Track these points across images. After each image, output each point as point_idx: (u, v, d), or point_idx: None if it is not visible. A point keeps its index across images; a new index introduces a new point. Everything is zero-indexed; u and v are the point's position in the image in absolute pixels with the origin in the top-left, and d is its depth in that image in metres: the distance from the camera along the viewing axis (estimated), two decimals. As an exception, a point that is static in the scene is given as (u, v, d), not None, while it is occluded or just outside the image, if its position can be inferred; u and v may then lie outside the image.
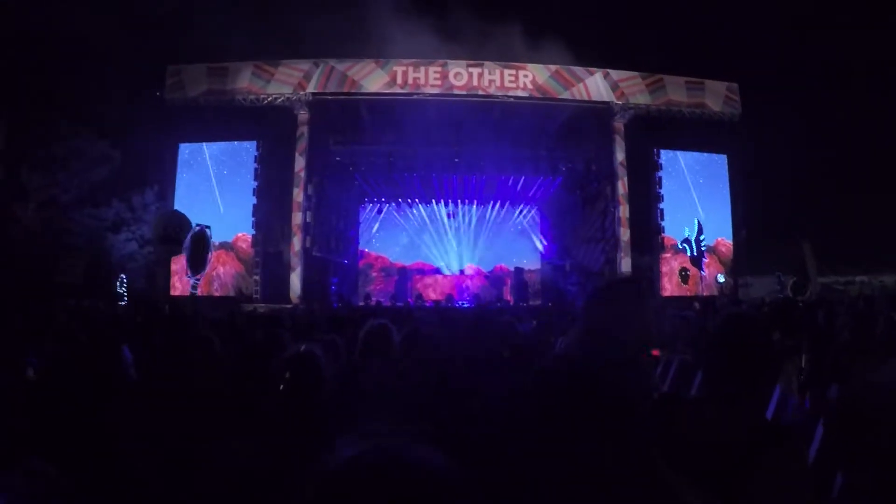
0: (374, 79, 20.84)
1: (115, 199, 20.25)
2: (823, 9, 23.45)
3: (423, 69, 21.06)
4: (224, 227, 20.18)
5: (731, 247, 22.49)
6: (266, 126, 20.69)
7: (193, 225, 16.73)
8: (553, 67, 21.67)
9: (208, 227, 18.18)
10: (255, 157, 20.72)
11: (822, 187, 22.61)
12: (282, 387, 3.53)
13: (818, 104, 22.75)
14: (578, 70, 21.83)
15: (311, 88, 20.57)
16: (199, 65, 20.62)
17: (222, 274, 20.20)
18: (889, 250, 21.95)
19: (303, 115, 20.65)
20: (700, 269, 21.74)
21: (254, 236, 20.51)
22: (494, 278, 26.66)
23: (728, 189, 22.75)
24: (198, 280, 18.81)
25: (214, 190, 20.32)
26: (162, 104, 20.16)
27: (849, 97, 23.19)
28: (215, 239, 19.68)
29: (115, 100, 18.91)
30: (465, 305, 22.96)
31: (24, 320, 8.10)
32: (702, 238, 21.74)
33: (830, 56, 23.08)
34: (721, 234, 22.43)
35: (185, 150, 20.54)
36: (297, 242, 20.41)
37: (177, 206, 19.40)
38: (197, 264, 18.28)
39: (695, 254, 21.76)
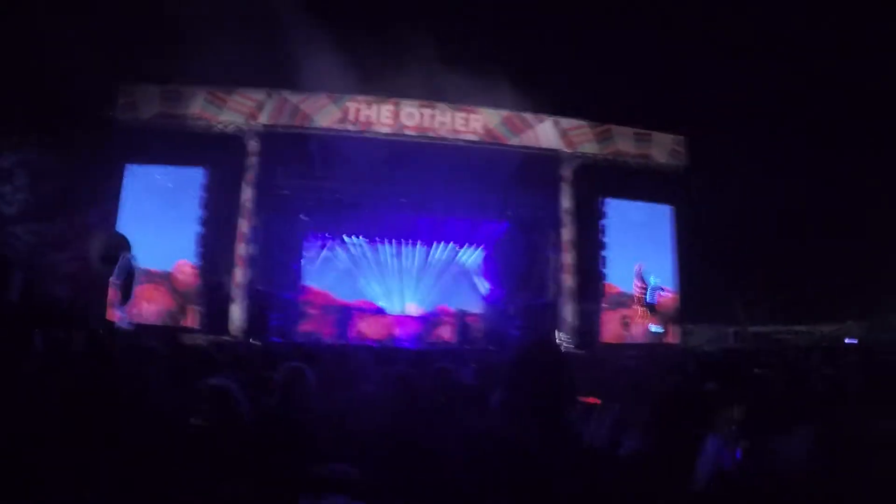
0: (326, 113, 21.26)
1: (59, 216, 20.13)
2: (770, 65, 24.61)
3: (375, 107, 21.56)
4: (166, 254, 20.14)
5: (673, 295, 23.13)
6: (215, 154, 20.68)
7: (129, 247, 16.73)
8: (504, 113, 22.37)
9: (133, 256, 18.06)
10: (203, 184, 20.65)
11: (764, 239, 23.50)
12: (197, 420, 3.57)
13: (763, 158, 23.79)
14: (529, 117, 22.57)
15: (263, 119, 20.88)
16: (152, 86, 20.69)
17: (144, 312, 19.81)
18: (829, 300, 22.84)
19: (253, 145, 20.86)
20: (651, 317, 22.42)
21: (197, 266, 20.41)
22: (435, 320, 27.00)
23: (671, 239, 23.50)
24: (125, 309, 18.72)
25: (159, 215, 20.19)
26: (112, 124, 20.12)
27: (794, 151, 24.27)
28: (155, 266, 19.74)
29: (65, 115, 18.89)
30: (407, 346, 23.22)
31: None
32: (648, 286, 22.46)
33: (776, 114, 24.17)
34: (663, 283, 23.07)
35: (132, 171, 20.40)
36: (240, 274, 20.45)
37: (120, 229, 19.36)
38: (126, 294, 18.21)
39: (649, 302, 22.45)
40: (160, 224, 20.16)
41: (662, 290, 22.88)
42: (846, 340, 18.43)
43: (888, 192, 23.13)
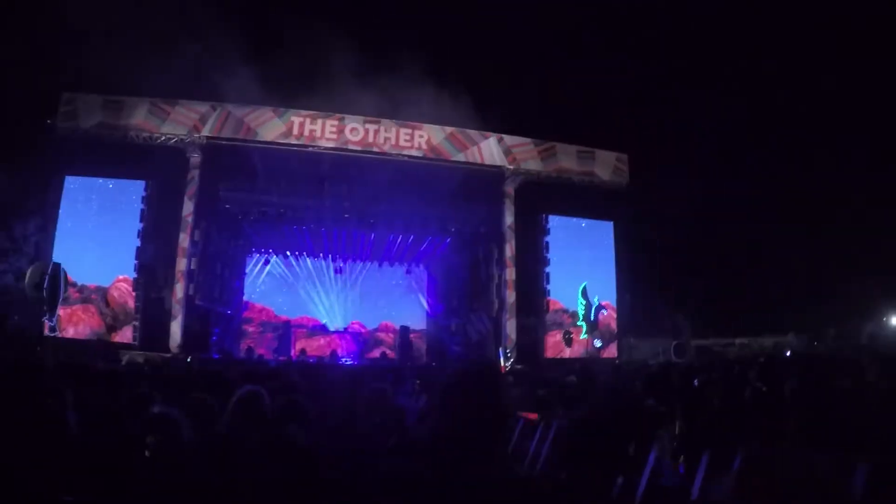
0: (270, 127, 21.35)
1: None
2: (713, 83, 25.43)
3: (319, 122, 21.70)
4: (103, 268, 19.95)
5: (615, 311, 23.61)
6: (156, 166, 20.48)
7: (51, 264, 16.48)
8: (448, 129, 22.74)
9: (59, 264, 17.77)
10: (143, 197, 20.42)
11: (705, 252, 24.16)
12: (145, 450, 3.49)
13: (704, 174, 24.51)
14: (473, 133, 23.00)
15: (206, 131, 20.82)
16: (94, 95, 20.43)
17: (79, 327, 19.62)
18: (769, 313, 23.50)
19: (195, 158, 20.80)
20: (593, 333, 22.90)
21: (135, 280, 20.15)
22: (377, 336, 27.13)
23: (613, 255, 24.05)
24: (55, 321, 18.48)
25: (97, 228, 19.95)
26: (51, 133, 19.82)
27: (735, 167, 25.08)
28: (92, 281, 19.56)
29: (1, 122, 18.61)
30: (349, 363, 23.31)
31: None
32: (594, 305, 22.98)
33: (718, 132, 24.95)
34: (605, 299, 23.56)
35: (70, 182, 20.06)
36: (179, 289, 20.26)
37: (58, 241, 19.15)
38: (51, 303, 17.90)
39: (591, 319, 22.93)
40: (98, 237, 19.92)
41: (604, 307, 23.36)
42: (786, 353, 18.93)
43: (829, 206, 24.03)
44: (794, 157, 24.91)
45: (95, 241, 19.82)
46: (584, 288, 23.31)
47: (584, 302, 23.24)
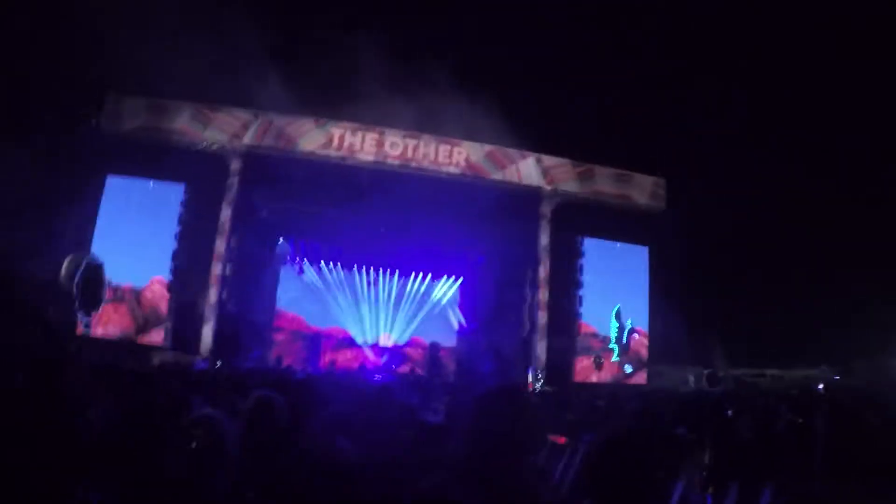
0: (310, 138, 21.63)
1: (34, 223, 20.01)
2: (750, 110, 25.40)
3: (360, 134, 21.94)
4: (139, 268, 20.22)
5: (647, 336, 23.46)
6: (196, 170, 20.74)
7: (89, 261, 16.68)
8: (488, 147, 22.89)
9: (102, 262, 18.00)
10: (182, 200, 20.76)
11: (739, 281, 23.96)
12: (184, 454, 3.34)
13: (741, 201, 24.39)
14: (512, 152, 23.11)
15: (247, 139, 21.15)
16: (139, 98, 20.82)
17: (111, 327, 19.85)
18: (803, 344, 23.22)
19: (235, 164, 21.09)
20: (624, 358, 22.82)
21: (171, 282, 20.45)
22: (407, 351, 27.12)
23: (647, 280, 23.96)
24: (89, 320, 18.68)
25: (136, 228, 20.22)
26: (95, 133, 20.17)
27: (771, 195, 24.89)
28: (127, 281, 19.80)
29: (48, 120, 18.92)
30: (377, 377, 23.29)
31: None
32: (626, 328, 22.91)
33: (756, 159, 24.82)
34: (637, 324, 23.44)
35: (111, 182, 20.48)
36: (213, 294, 20.53)
37: (96, 239, 19.53)
38: (89, 302, 18.07)
39: (623, 343, 22.85)
40: (136, 238, 20.17)
41: (636, 332, 23.23)
42: (819, 386, 18.71)
43: (864, 234, 23.75)
44: (829, 187, 24.70)
45: (132, 242, 20.03)
46: (618, 310, 23.23)
47: (617, 324, 23.15)
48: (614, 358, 23.03)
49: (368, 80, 21.32)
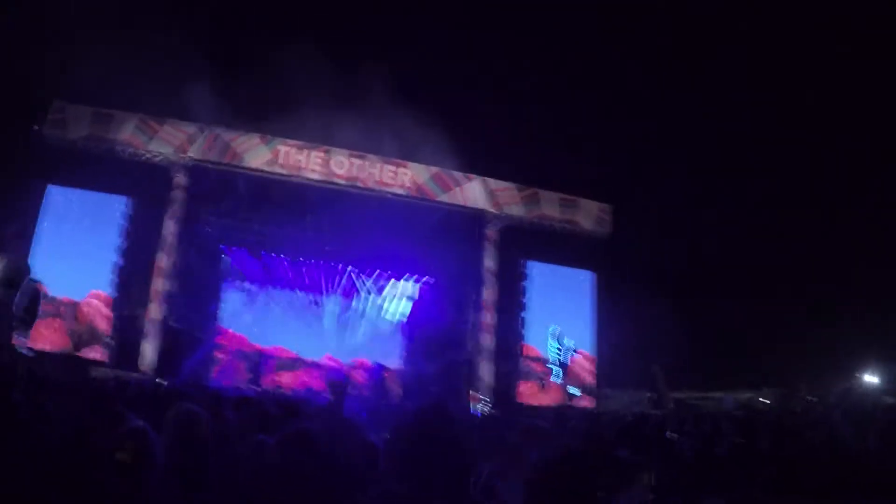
0: (256, 154, 21.74)
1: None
2: (696, 135, 25.99)
3: (306, 152, 22.13)
4: (78, 282, 20.01)
5: (591, 360, 23.69)
6: (140, 183, 20.76)
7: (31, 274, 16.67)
8: (433, 169, 23.19)
9: (39, 280, 17.93)
10: (124, 213, 20.61)
11: (683, 305, 24.31)
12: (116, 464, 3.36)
13: (685, 226, 24.85)
14: (458, 175, 23.45)
15: (192, 153, 21.16)
16: (84, 107, 20.71)
17: (48, 341, 19.41)
18: (745, 366, 23.63)
19: (179, 178, 21.09)
20: (566, 379, 22.98)
21: (113, 297, 20.30)
22: (351, 373, 27.04)
23: (592, 304, 24.26)
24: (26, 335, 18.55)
25: (76, 241, 20.03)
26: (37, 140, 20.05)
27: (715, 220, 25.42)
28: (65, 294, 19.65)
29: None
30: (320, 398, 23.17)
31: None
32: (564, 348, 23.10)
33: (700, 185, 25.37)
34: (581, 348, 23.70)
35: (52, 192, 20.20)
36: (155, 310, 20.44)
37: (34, 251, 19.26)
38: (28, 321, 18.01)
39: (563, 364, 23.06)
40: (76, 250, 19.98)
41: (576, 352, 23.46)
42: (762, 407, 19.10)
43: (806, 258, 24.31)
44: (785, 210, 25.33)
45: (72, 254, 19.84)
46: (555, 331, 23.44)
47: (556, 345, 23.35)
48: (555, 377, 23.18)
49: (315, 99, 21.57)
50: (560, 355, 23.36)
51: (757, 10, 25.78)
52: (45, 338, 19.38)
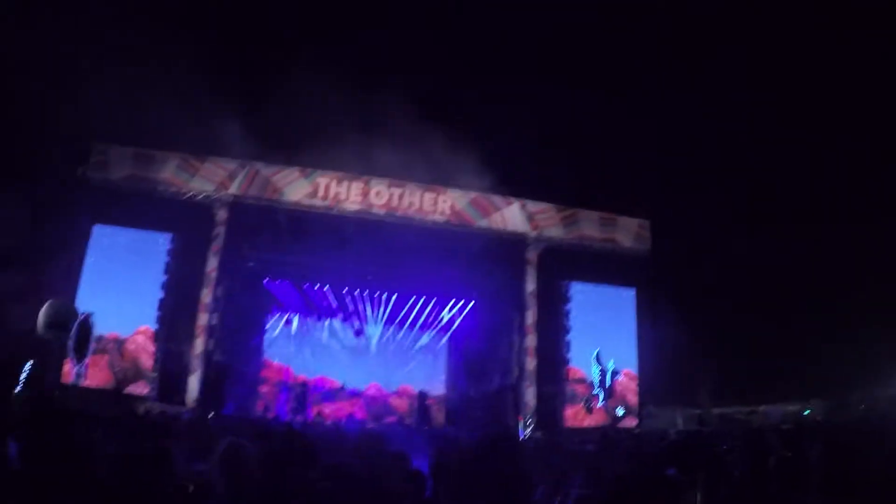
0: (296, 188, 21.90)
1: (19, 270, 20.05)
2: (735, 151, 25.88)
3: (345, 184, 22.22)
4: (125, 318, 20.23)
5: (634, 378, 23.54)
6: (183, 220, 21.01)
7: (79, 314, 17.03)
8: (472, 194, 23.17)
9: (91, 313, 18.33)
10: (168, 250, 20.93)
11: (727, 318, 24.12)
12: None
13: (726, 240, 24.72)
14: (496, 199, 23.39)
15: (233, 189, 21.38)
16: (125, 147, 21.07)
17: (97, 377, 19.75)
18: (792, 379, 23.33)
19: (221, 214, 21.30)
20: (611, 401, 22.85)
21: (156, 332, 20.51)
22: (396, 401, 27.11)
23: (635, 322, 24.12)
24: (82, 367, 18.84)
25: (122, 278, 20.30)
26: (82, 182, 20.35)
27: (757, 233, 25.26)
28: (113, 330, 19.88)
29: (35, 168, 19.16)
30: (365, 427, 23.27)
31: None
32: (608, 371, 22.97)
33: (740, 198, 25.25)
34: (626, 367, 23.56)
35: (98, 231, 20.54)
36: (199, 344, 20.53)
37: (81, 288, 19.62)
38: (81, 351, 18.40)
39: (607, 387, 22.91)
40: (122, 287, 20.25)
41: (619, 374, 23.33)
42: (812, 420, 18.85)
43: (851, 269, 24.02)
44: (820, 222, 25.11)
45: (118, 291, 20.14)
46: (598, 354, 23.32)
47: (599, 368, 23.23)
48: (601, 401, 23.06)
49: (349, 128, 21.73)
50: (603, 378, 23.22)
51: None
52: (91, 375, 19.69)
